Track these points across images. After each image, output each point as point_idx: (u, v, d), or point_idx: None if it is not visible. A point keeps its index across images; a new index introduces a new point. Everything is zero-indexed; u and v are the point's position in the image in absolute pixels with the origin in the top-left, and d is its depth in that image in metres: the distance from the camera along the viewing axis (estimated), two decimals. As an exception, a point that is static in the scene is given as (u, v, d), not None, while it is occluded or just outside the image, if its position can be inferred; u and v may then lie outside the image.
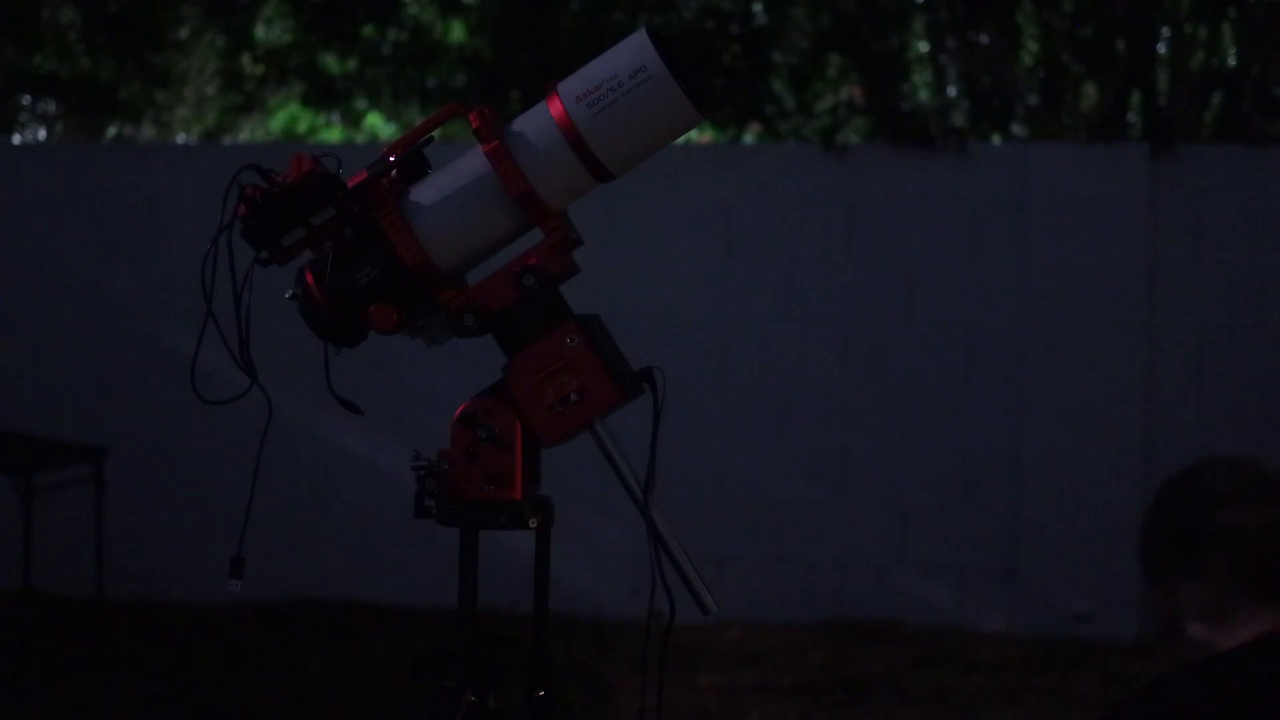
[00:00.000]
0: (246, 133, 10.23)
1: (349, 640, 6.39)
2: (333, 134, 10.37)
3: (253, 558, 2.25)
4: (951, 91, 7.71)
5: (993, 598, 6.58)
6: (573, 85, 2.12)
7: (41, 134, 9.64)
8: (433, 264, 2.15)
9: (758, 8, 8.00)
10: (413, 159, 2.20)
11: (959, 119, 7.45)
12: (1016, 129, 7.56)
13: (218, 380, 2.22)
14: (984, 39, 7.47)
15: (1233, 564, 2.10)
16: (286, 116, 10.75)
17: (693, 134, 7.62)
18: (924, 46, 7.96)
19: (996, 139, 7.53)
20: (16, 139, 9.20)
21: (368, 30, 8.27)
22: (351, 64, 8.58)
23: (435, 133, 2.21)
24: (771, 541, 6.69)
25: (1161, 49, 7.45)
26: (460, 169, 2.17)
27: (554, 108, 2.12)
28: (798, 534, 6.70)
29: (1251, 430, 6.43)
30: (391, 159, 2.17)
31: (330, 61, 8.78)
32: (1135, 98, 7.37)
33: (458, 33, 8.72)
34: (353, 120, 9.69)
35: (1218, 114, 7.30)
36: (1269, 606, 2.10)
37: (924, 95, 8.01)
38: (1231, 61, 7.48)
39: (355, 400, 2.21)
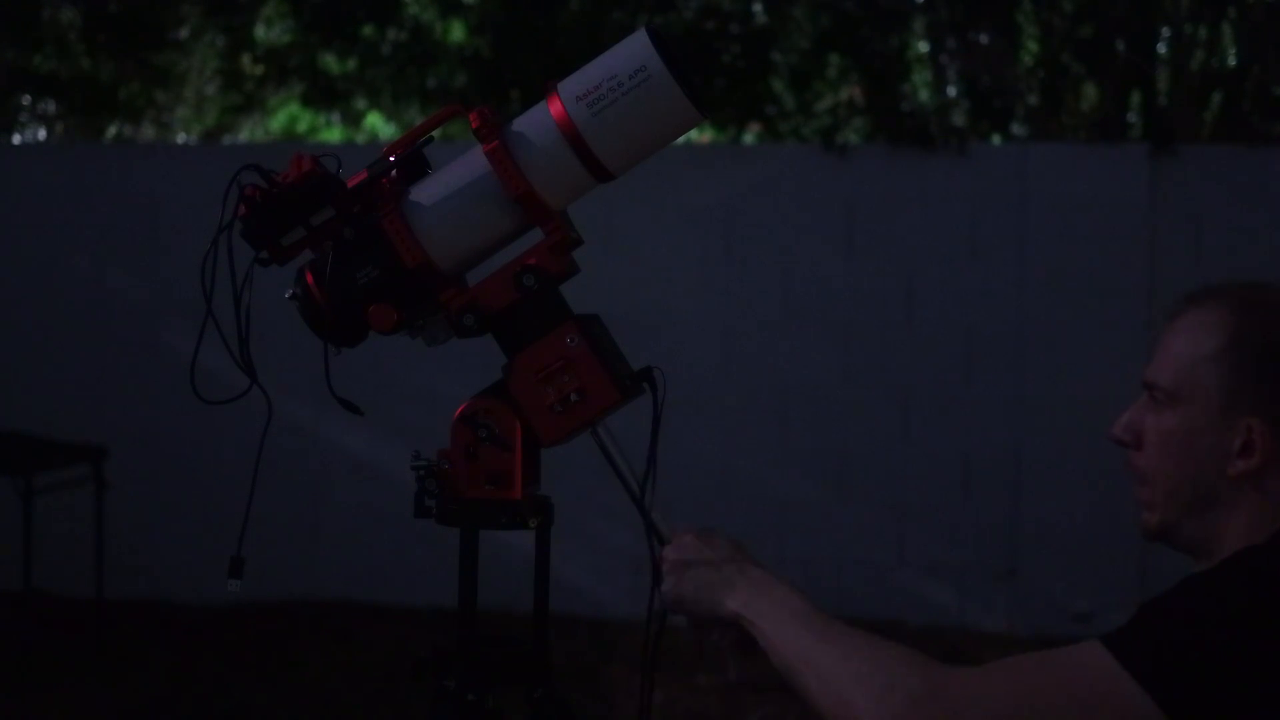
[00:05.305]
0: (246, 133, 10.23)
1: (349, 640, 6.39)
2: (333, 134, 10.35)
3: (252, 558, 2.24)
4: (951, 91, 7.71)
5: (993, 598, 6.57)
6: (573, 85, 2.12)
7: (41, 134, 9.63)
8: (433, 264, 2.14)
9: (758, 8, 7.99)
10: (413, 159, 2.19)
11: (959, 119, 7.44)
12: (1016, 129, 7.56)
13: (218, 380, 2.21)
14: (984, 39, 7.46)
15: None
16: (286, 116, 10.74)
17: (693, 134, 7.62)
18: (924, 46, 7.96)
19: (996, 139, 7.53)
20: (16, 139, 9.19)
21: (368, 30, 8.27)
22: (351, 64, 8.58)
23: (435, 133, 2.21)
24: (771, 541, 6.69)
25: (1161, 49, 7.45)
26: (460, 169, 2.17)
27: (554, 107, 2.11)
28: (798, 534, 6.70)
29: (1251, 430, 6.43)
30: (391, 159, 2.17)
31: (330, 61, 8.77)
32: (1135, 98, 7.36)
33: (458, 33, 8.71)
34: (353, 120, 9.67)
35: (1218, 114, 7.30)
36: None
37: (924, 95, 8.00)
38: (1231, 61, 7.48)
39: (355, 400, 2.20)
